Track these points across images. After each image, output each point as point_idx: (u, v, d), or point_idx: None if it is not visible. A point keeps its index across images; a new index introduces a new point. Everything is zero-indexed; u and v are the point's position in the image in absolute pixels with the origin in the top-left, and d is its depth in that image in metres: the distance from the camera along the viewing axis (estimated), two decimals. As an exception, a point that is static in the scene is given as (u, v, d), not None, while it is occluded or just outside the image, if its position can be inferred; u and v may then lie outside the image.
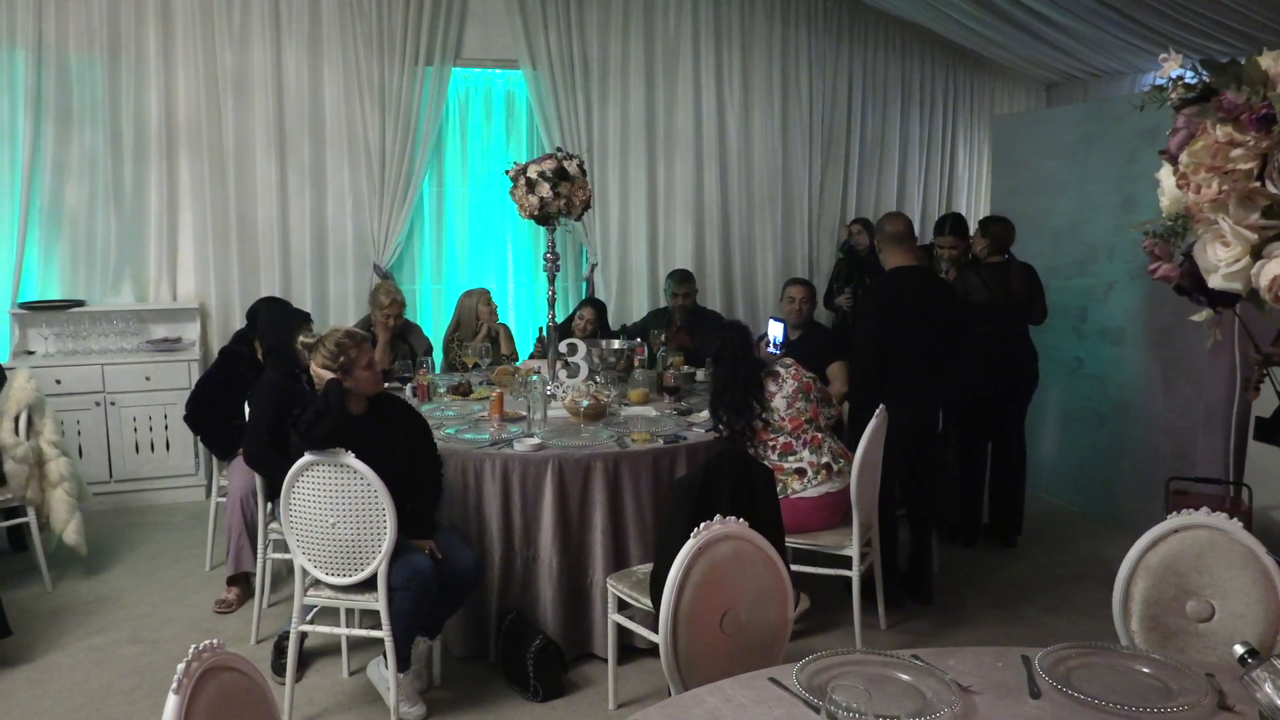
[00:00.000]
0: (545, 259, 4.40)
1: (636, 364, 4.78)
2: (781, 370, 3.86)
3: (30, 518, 4.21)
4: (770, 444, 3.78)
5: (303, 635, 3.39)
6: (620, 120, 6.50)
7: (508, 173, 4.28)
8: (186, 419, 4.40)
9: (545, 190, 4.08)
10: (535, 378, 4.02)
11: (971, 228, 5.08)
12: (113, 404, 5.35)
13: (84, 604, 4.16)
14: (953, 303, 4.26)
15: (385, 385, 3.76)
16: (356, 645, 3.64)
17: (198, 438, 5.02)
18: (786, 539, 3.29)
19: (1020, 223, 4.98)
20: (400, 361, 4.79)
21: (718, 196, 6.80)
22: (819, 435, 3.81)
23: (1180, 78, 1.58)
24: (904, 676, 1.84)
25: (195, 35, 5.64)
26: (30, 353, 5.45)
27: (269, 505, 3.70)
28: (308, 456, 3.05)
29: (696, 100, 6.68)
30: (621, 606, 3.27)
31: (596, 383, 4.28)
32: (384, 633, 3.12)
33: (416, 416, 3.47)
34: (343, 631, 3.46)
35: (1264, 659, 1.55)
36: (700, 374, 4.82)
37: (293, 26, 5.81)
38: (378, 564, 3.07)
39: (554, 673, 3.40)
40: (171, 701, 1.49)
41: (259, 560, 3.82)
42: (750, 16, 6.75)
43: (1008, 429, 4.86)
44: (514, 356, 5.27)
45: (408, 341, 5.16)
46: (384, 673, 3.24)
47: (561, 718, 3.32)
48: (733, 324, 4.11)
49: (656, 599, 2.18)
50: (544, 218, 4.19)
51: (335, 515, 3.06)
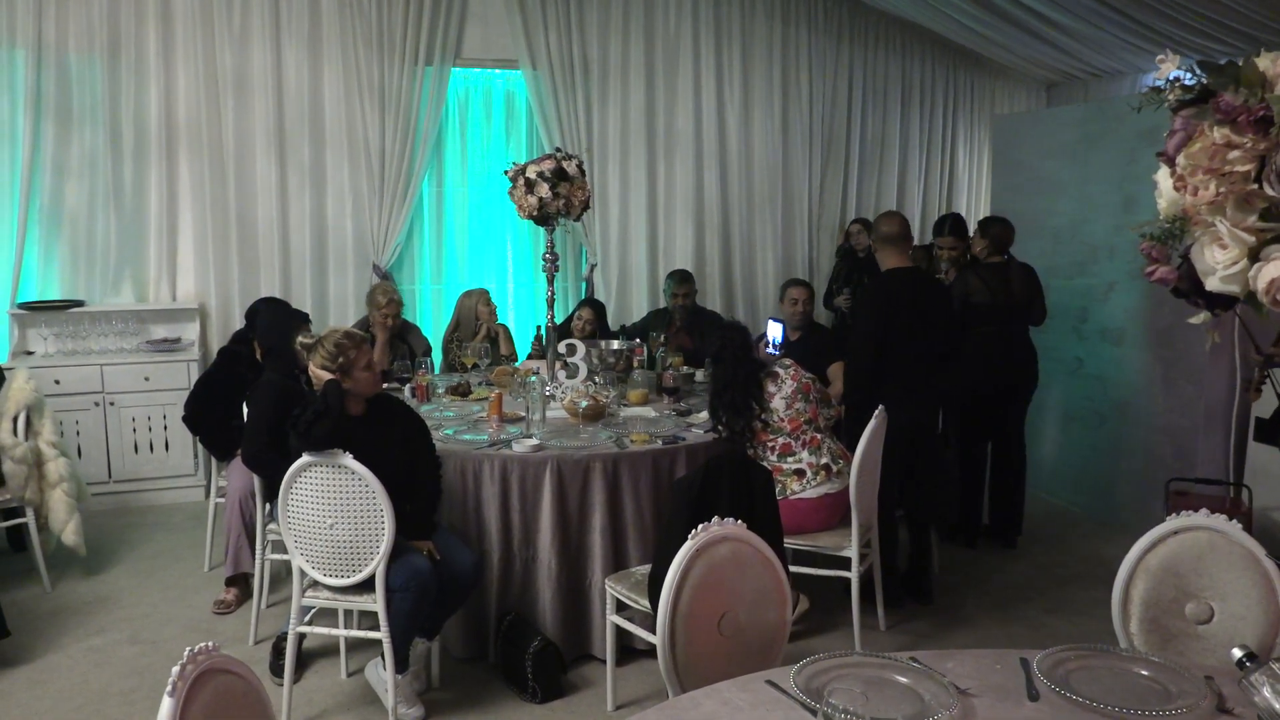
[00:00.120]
0: (544, 259, 4.39)
1: (636, 364, 4.78)
2: (781, 371, 3.85)
3: (29, 518, 4.21)
4: (769, 445, 3.77)
5: (301, 636, 3.40)
6: (620, 120, 6.50)
7: (507, 173, 4.27)
8: (185, 419, 4.40)
9: (544, 190, 4.08)
10: (534, 378, 4.02)
11: (971, 228, 5.08)
12: (112, 404, 5.35)
13: (83, 604, 4.16)
14: (948, 304, 4.25)
15: (384, 386, 3.77)
16: (355, 646, 3.64)
17: (196, 438, 5.02)
18: (786, 540, 3.29)
19: (1020, 223, 4.98)
20: (399, 362, 4.78)
21: (718, 197, 6.80)
22: (818, 436, 3.81)
23: (1178, 79, 1.58)
24: (902, 679, 1.83)
25: (195, 35, 5.65)
26: (30, 353, 5.45)
27: (267, 506, 3.70)
28: (305, 457, 3.04)
29: (696, 100, 6.68)
30: (620, 608, 3.27)
31: (595, 383, 4.28)
32: (382, 634, 3.11)
33: (415, 417, 3.47)
34: (341, 633, 3.46)
35: (1262, 663, 1.55)
36: (700, 375, 4.82)
37: (293, 26, 5.81)
38: (376, 565, 3.07)
39: (553, 674, 3.39)
40: (166, 705, 1.48)
41: (257, 561, 3.82)
42: (750, 16, 6.74)
43: (1008, 429, 4.86)
44: (513, 357, 5.26)
45: (407, 342, 5.14)
46: (382, 674, 3.24)
47: (560, 719, 3.32)
48: (732, 324, 4.11)
49: (655, 600, 2.17)
50: (543, 218, 4.19)
51: (333, 516, 3.05)
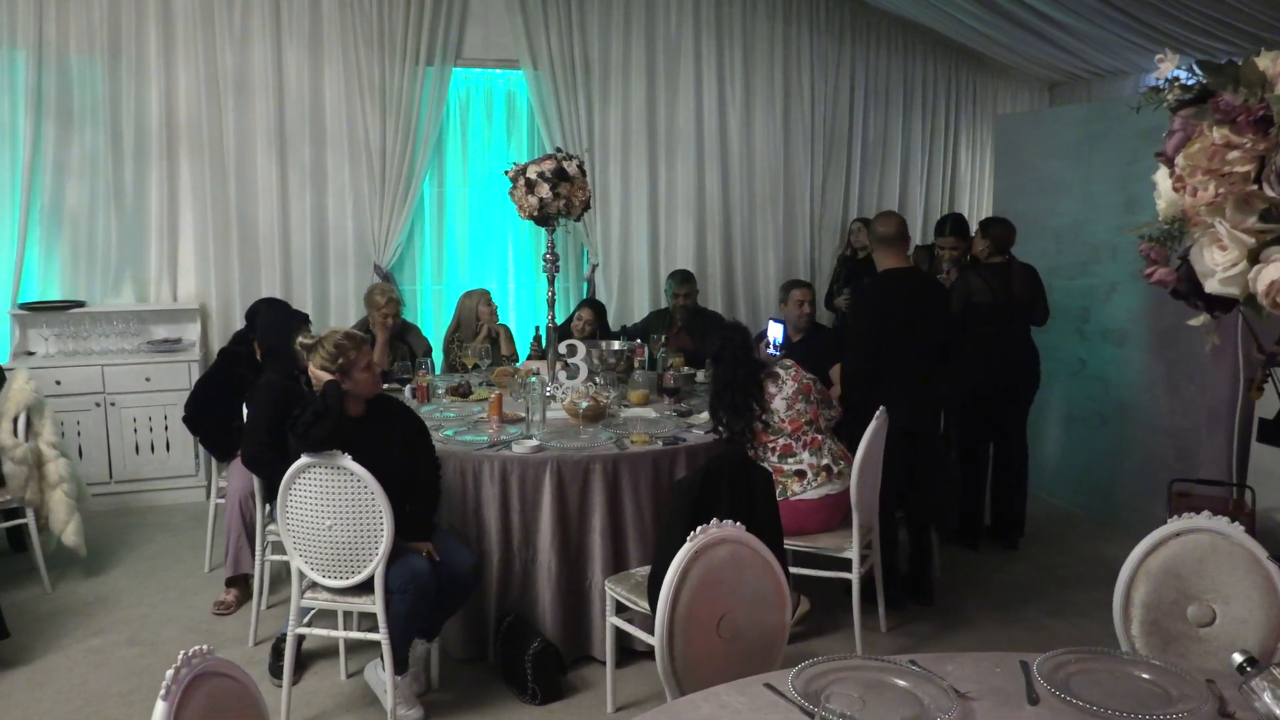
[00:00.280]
0: (544, 259, 4.39)
1: (636, 365, 4.77)
2: (781, 371, 3.84)
3: (29, 519, 4.21)
4: (770, 446, 3.76)
5: (300, 637, 3.39)
6: (621, 120, 6.49)
7: (507, 173, 4.27)
8: (186, 420, 4.40)
9: (544, 191, 4.07)
10: (534, 379, 4.01)
11: (974, 228, 5.06)
12: (113, 405, 5.35)
13: (83, 605, 4.15)
14: (946, 304, 4.24)
15: (384, 386, 3.76)
16: (354, 647, 3.63)
17: (197, 439, 5.01)
18: (786, 541, 3.28)
19: (1023, 223, 4.96)
20: (399, 363, 4.78)
21: (719, 197, 6.79)
22: (819, 437, 3.80)
23: (1176, 78, 1.56)
24: (901, 682, 1.82)
25: (196, 35, 5.64)
26: (30, 353, 5.45)
27: (267, 507, 3.69)
28: (304, 459, 3.04)
29: (698, 100, 6.67)
30: (620, 609, 3.26)
31: (596, 384, 4.27)
32: (381, 635, 3.11)
33: (415, 418, 3.47)
34: (340, 634, 3.44)
35: (1263, 667, 1.54)
36: (700, 375, 4.81)
37: (293, 26, 5.81)
38: (375, 566, 3.06)
39: (552, 675, 3.39)
40: (160, 709, 1.47)
41: (257, 562, 3.81)
42: (752, 16, 6.73)
43: (1009, 430, 4.84)
44: (514, 357, 5.25)
45: (407, 342, 5.14)
46: (382, 675, 3.24)
47: (560, 720, 3.32)
48: (733, 325, 4.10)
49: (654, 602, 2.16)
50: (543, 218, 4.19)
51: (332, 518, 3.05)
